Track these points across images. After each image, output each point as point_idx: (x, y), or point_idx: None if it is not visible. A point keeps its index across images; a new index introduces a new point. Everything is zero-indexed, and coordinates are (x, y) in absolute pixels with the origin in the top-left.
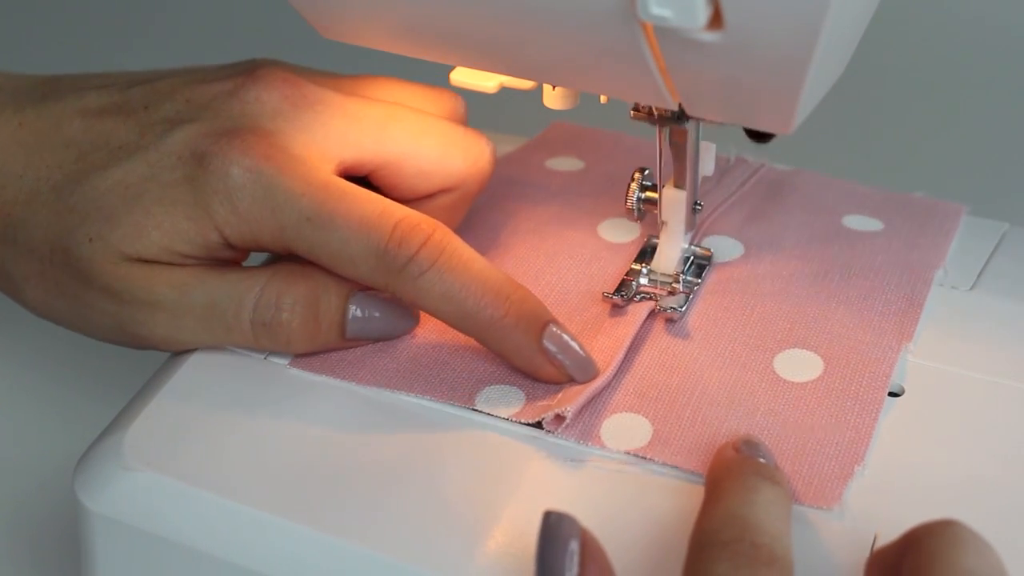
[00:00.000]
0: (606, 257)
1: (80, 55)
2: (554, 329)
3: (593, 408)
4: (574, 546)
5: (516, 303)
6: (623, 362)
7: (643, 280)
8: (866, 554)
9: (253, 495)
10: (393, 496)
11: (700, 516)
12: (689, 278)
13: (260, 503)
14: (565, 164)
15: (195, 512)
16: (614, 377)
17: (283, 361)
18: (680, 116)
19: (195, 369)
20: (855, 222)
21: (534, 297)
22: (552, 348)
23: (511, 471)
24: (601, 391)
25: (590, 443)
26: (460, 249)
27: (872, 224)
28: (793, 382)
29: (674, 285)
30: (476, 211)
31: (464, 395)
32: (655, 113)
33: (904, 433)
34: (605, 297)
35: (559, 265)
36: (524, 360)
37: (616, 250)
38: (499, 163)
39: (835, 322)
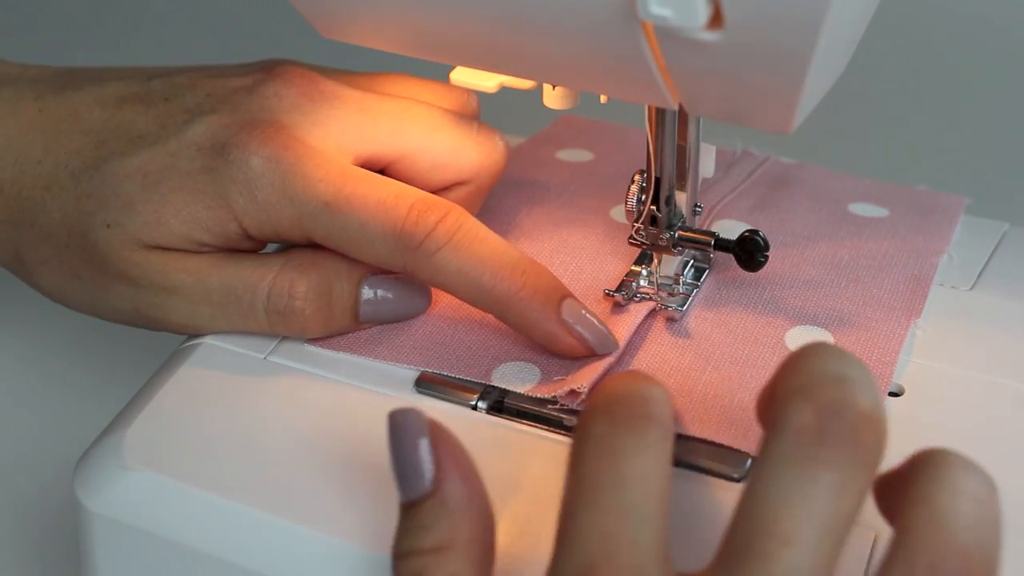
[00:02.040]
0: (620, 237)
1: (80, 55)
2: (571, 302)
3: None
4: (425, 439)
5: (532, 277)
6: (637, 342)
7: (643, 282)
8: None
9: (252, 495)
10: (394, 497)
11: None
12: (689, 280)
13: (259, 503)
14: (575, 156)
15: (195, 512)
16: (626, 354)
17: (285, 360)
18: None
19: (194, 369)
20: (861, 209)
21: (549, 272)
22: (570, 320)
23: (511, 471)
24: (615, 368)
25: None
26: (475, 226)
27: (877, 211)
28: None
29: (674, 287)
30: (489, 199)
31: (480, 371)
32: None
33: (904, 433)
34: (607, 294)
35: (573, 244)
36: (543, 333)
37: (628, 230)
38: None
39: (845, 300)
